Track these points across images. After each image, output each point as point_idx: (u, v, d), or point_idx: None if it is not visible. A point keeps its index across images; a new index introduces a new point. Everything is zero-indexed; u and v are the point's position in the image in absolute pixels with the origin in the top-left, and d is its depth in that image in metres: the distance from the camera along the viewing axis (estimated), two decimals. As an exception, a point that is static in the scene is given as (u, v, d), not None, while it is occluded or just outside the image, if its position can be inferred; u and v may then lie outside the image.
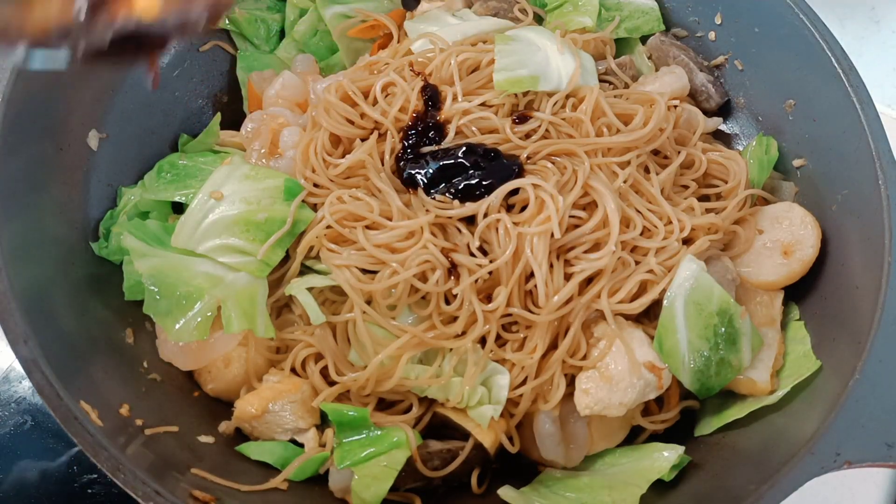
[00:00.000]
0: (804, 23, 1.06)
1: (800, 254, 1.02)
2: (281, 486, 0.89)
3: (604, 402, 0.90)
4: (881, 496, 1.13)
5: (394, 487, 0.88)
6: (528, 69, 1.04)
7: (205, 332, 0.92)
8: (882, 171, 0.95)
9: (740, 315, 0.95)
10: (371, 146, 1.01)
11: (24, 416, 1.11)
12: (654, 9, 1.26)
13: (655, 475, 0.90)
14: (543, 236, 0.92)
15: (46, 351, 0.81)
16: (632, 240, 0.97)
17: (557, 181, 0.95)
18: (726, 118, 1.25)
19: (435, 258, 0.92)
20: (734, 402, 0.98)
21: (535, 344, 0.93)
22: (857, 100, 1.00)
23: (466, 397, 0.92)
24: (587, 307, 0.94)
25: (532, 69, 1.04)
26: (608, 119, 1.03)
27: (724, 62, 1.24)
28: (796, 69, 1.10)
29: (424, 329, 0.92)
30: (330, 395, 0.93)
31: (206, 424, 0.96)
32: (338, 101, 1.05)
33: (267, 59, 1.26)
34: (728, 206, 1.05)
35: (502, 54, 1.05)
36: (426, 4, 1.28)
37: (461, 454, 0.92)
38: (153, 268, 0.93)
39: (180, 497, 0.78)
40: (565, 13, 1.25)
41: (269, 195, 0.98)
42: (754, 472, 0.85)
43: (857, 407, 0.84)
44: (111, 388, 0.88)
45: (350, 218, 0.97)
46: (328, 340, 0.95)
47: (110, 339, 0.95)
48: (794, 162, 1.13)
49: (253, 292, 0.95)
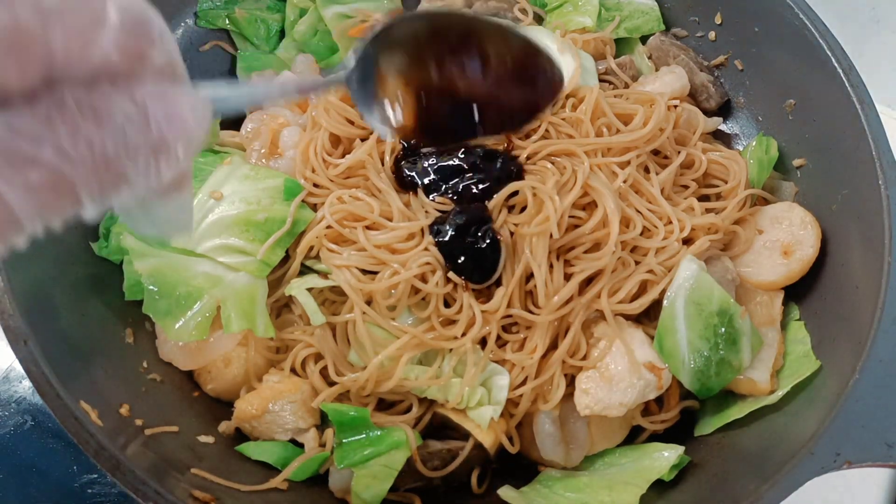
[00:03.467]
0: (804, 23, 1.06)
1: (800, 254, 1.02)
2: (281, 486, 0.89)
3: (604, 402, 0.90)
4: (881, 496, 1.13)
5: (394, 487, 0.88)
6: (528, 69, 1.04)
7: (204, 332, 0.92)
8: (882, 171, 0.95)
9: (740, 315, 0.95)
10: (371, 146, 1.01)
11: (24, 416, 1.11)
12: (654, 9, 1.26)
13: (655, 475, 0.90)
14: (542, 237, 0.92)
15: (46, 351, 0.81)
16: (632, 240, 0.97)
17: (557, 181, 0.94)
18: (726, 118, 1.25)
19: (436, 259, 0.92)
20: (734, 402, 0.98)
21: (535, 344, 0.93)
22: (857, 100, 1.00)
23: (466, 398, 0.92)
24: (587, 307, 0.94)
25: (532, 69, 1.04)
26: (608, 119, 1.03)
27: (724, 62, 1.24)
28: (796, 69, 1.10)
29: (424, 330, 0.92)
30: (330, 396, 0.93)
31: (206, 424, 0.95)
32: (338, 101, 1.05)
33: (267, 59, 1.26)
34: (728, 206, 1.05)
35: (502, 54, 1.04)
36: (426, 4, 1.28)
37: (461, 454, 0.92)
38: (153, 268, 0.93)
39: (180, 497, 0.78)
40: (565, 13, 1.25)
41: (268, 195, 0.98)
42: (754, 472, 0.85)
43: (857, 407, 0.84)
44: (111, 388, 0.88)
45: (350, 218, 0.97)
46: (328, 341, 0.95)
47: (110, 339, 0.95)
48: (794, 162, 1.13)
49: (253, 292, 0.94)
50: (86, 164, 0.33)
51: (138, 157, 0.35)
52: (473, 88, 0.64)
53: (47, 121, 0.32)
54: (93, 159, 0.33)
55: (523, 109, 0.68)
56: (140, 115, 0.35)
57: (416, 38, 0.62)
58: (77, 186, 0.33)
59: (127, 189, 0.35)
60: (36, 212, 0.32)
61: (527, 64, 0.66)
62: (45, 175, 0.32)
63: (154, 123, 0.36)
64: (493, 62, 0.64)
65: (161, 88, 0.37)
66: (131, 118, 0.35)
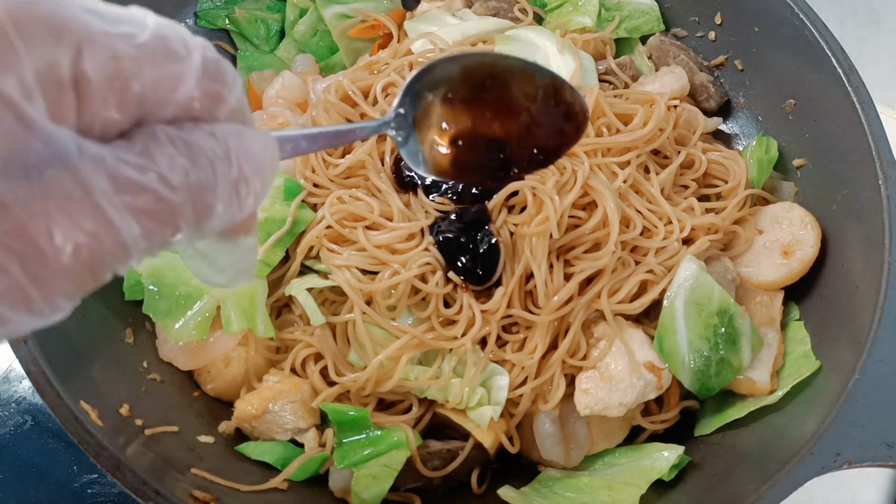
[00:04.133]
0: (804, 23, 1.06)
1: (800, 254, 1.02)
2: (281, 486, 0.89)
3: (604, 402, 0.90)
4: (881, 496, 1.13)
5: (394, 487, 0.88)
6: (528, 69, 1.04)
7: (204, 331, 0.92)
8: (882, 171, 0.95)
9: (740, 315, 0.95)
10: (371, 146, 1.01)
11: (24, 416, 1.11)
12: (654, 9, 1.26)
13: (655, 475, 0.90)
14: (542, 237, 0.92)
15: (46, 351, 0.81)
16: (632, 240, 0.97)
17: (557, 181, 0.94)
18: (726, 118, 1.25)
19: (436, 260, 0.92)
20: (734, 402, 0.98)
21: (535, 344, 0.93)
22: (857, 100, 1.00)
23: (466, 398, 0.92)
24: (587, 307, 0.94)
25: (532, 69, 1.04)
26: (608, 119, 1.03)
27: (724, 62, 1.24)
28: (796, 69, 1.10)
29: (424, 330, 0.92)
30: (330, 396, 0.93)
31: (206, 424, 0.95)
32: (338, 101, 1.05)
33: (267, 59, 1.26)
34: (728, 206, 1.05)
35: (502, 54, 1.04)
36: (426, 4, 1.28)
37: (461, 454, 0.92)
38: (153, 267, 0.93)
39: (180, 497, 0.78)
40: (565, 13, 1.25)
41: (268, 195, 0.98)
42: (754, 472, 0.85)
43: (857, 407, 0.84)
44: (111, 388, 0.88)
45: (350, 218, 0.97)
46: (328, 341, 0.95)
47: (110, 339, 0.95)
48: (794, 162, 1.13)
49: (252, 292, 0.94)
50: (183, 192, 0.35)
51: (223, 188, 0.38)
52: (506, 127, 0.67)
53: (146, 152, 0.35)
54: (188, 188, 0.36)
55: (553, 145, 0.70)
56: (221, 150, 0.38)
57: (449, 81, 0.65)
58: (177, 215, 0.35)
59: (214, 220, 0.38)
60: (141, 239, 0.34)
61: (555, 100, 0.69)
62: (150, 202, 0.34)
63: (234, 157, 0.39)
64: (523, 100, 0.67)
65: (236, 127, 0.40)
66: (215, 152, 0.38)
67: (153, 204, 0.34)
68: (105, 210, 0.33)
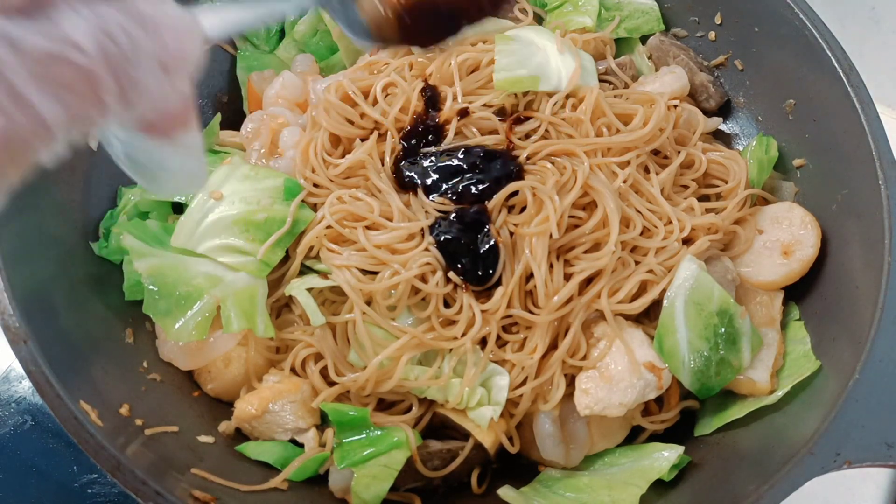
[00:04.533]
0: (804, 23, 1.06)
1: (800, 254, 1.02)
2: (281, 486, 0.89)
3: (604, 402, 0.90)
4: (881, 496, 1.13)
5: (394, 487, 0.88)
6: (527, 69, 1.04)
7: (204, 331, 0.92)
8: (882, 171, 0.95)
9: (740, 315, 0.95)
10: (371, 146, 1.01)
11: (24, 416, 1.11)
12: (654, 9, 1.26)
13: (655, 475, 0.90)
14: (542, 237, 0.92)
15: (46, 351, 0.81)
16: (632, 240, 0.97)
17: (557, 181, 0.94)
18: (726, 118, 1.25)
19: (436, 260, 0.92)
20: (734, 402, 0.98)
21: (535, 344, 0.93)
22: (857, 100, 1.00)
23: (466, 398, 0.92)
24: (587, 307, 0.94)
25: (532, 69, 1.04)
26: (608, 119, 1.03)
27: (724, 62, 1.24)
28: (796, 69, 1.10)
29: (424, 330, 0.92)
30: (330, 396, 0.93)
31: (206, 424, 0.96)
32: (338, 101, 1.05)
33: (267, 59, 1.26)
34: (728, 206, 1.05)
35: (502, 54, 1.04)
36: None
37: (461, 454, 0.92)
38: (153, 268, 0.93)
39: (180, 497, 0.78)
40: (565, 13, 1.25)
41: (268, 195, 0.98)
42: (754, 472, 0.85)
43: (857, 407, 0.84)
44: (111, 388, 0.88)
45: (350, 218, 0.97)
46: (328, 341, 0.95)
47: (110, 339, 0.95)
48: (794, 162, 1.13)
49: (252, 292, 0.95)
50: (99, 61, 0.34)
51: (147, 61, 0.36)
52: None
53: (50, 20, 0.33)
54: (105, 56, 0.34)
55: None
56: (135, 19, 0.36)
57: None
58: (98, 87, 0.34)
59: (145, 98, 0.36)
60: (63, 116, 0.33)
61: None
62: (64, 72, 0.32)
63: (150, 27, 0.37)
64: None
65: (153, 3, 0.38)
66: (129, 20, 0.36)
67: (68, 74, 0.32)
68: (13, 83, 0.31)
